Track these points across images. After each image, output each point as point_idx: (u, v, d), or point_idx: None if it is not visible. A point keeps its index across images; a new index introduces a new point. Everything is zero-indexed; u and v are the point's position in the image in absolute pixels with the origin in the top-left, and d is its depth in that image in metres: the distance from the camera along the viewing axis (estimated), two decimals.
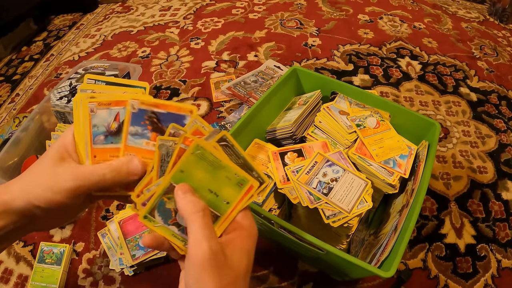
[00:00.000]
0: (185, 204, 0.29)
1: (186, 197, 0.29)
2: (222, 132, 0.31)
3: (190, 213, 0.28)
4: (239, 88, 0.95)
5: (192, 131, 0.32)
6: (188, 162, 0.30)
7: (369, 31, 1.24)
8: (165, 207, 0.31)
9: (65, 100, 0.73)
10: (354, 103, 0.68)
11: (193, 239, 0.28)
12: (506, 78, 1.08)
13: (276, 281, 0.63)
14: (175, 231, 0.31)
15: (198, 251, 0.27)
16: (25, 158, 0.71)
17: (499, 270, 0.65)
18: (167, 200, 0.31)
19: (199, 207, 0.29)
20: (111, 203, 0.74)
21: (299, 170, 0.56)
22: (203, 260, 0.27)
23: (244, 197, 0.32)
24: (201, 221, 0.28)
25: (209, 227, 0.28)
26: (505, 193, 0.77)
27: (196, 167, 0.30)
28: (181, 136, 0.31)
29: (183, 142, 0.30)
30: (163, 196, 0.31)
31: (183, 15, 1.33)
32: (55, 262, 0.63)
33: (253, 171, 0.32)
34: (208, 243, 0.27)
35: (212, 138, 0.31)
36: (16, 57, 1.19)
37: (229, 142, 0.32)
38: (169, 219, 0.31)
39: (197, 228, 0.28)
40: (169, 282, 0.62)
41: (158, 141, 0.31)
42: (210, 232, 0.28)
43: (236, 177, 0.31)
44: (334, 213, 0.52)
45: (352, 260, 0.45)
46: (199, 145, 0.30)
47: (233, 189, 0.31)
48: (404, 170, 0.59)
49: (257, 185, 0.32)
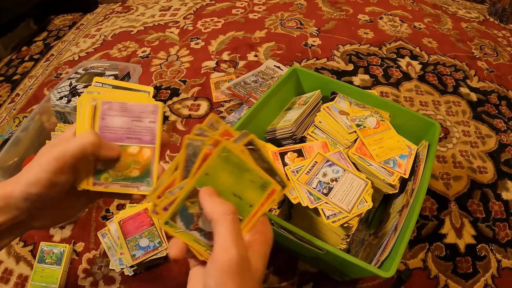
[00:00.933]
0: (213, 205, 0.28)
1: (213, 199, 0.29)
2: (250, 135, 0.31)
3: (219, 215, 0.28)
4: (239, 88, 0.95)
5: (220, 132, 0.31)
6: (214, 165, 0.29)
7: (369, 31, 1.24)
8: (187, 212, 0.30)
9: (65, 100, 0.73)
10: (354, 103, 0.68)
11: (221, 242, 0.27)
12: (506, 78, 1.08)
13: (276, 281, 0.63)
14: (196, 236, 0.30)
15: (225, 255, 0.26)
16: (25, 158, 0.71)
17: (499, 270, 0.65)
18: (190, 205, 0.30)
19: (229, 209, 0.28)
20: (111, 203, 0.74)
21: (299, 170, 0.56)
22: (230, 265, 0.26)
23: (267, 201, 0.31)
24: (230, 224, 0.27)
25: (238, 231, 0.28)
26: (505, 193, 0.77)
27: (221, 169, 0.30)
28: (210, 137, 0.30)
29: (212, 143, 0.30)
30: (186, 200, 0.30)
31: (183, 15, 1.33)
32: (55, 262, 0.63)
33: (276, 175, 0.32)
34: (237, 248, 0.26)
35: (240, 141, 0.31)
36: (16, 57, 1.19)
37: (256, 146, 0.31)
38: (191, 224, 0.30)
39: (227, 232, 0.27)
40: (169, 282, 0.62)
41: (185, 140, 0.30)
42: (239, 237, 0.27)
43: (260, 180, 0.30)
44: (334, 213, 0.52)
45: (352, 260, 0.45)
46: (226, 147, 0.29)
47: (257, 192, 0.31)
48: (404, 170, 0.59)
49: (280, 189, 0.31)
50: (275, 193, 0.31)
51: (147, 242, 0.61)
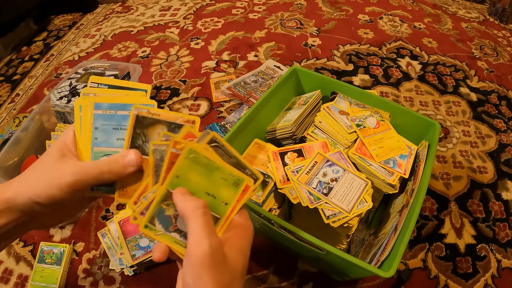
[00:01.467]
0: (185, 203, 0.29)
1: (185, 197, 0.29)
2: (211, 133, 0.31)
3: (190, 211, 0.28)
4: (239, 88, 0.95)
5: (182, 135, 0.32)
6: (183, 167, 0.30)
7: (369, 31, 1.24)
8: (164, 214, 0.31)
9: (65, 100, 0.73)
10: (354, 103, 0.68)
11: (193, 236, 0.27)
12: (506, 78, 1.08)
13: (276, 281, 0.63)
14: (177, 238, 0.31)
15: (198, 248, 0.26)
16: (25, 158, 0.71)
17: (499, 270, 0.65)
18: (166, 207, 0.30)
19: (199, 204, 0.28)
20: (111, 203, 0.74)
21: (299, 170, 0.56)
22: (203, 258, 0.26)
23: (243, 197, 0.31)
24: (201, 218, 0.28)
25: (209, 224, 0.28)
26: (505, 193, 0.77)
27: (191, 171, 0.30)
28: (171, 140, 0.30)
29: (173, 146, 0.30)
30: (162, 203, 0.30)
31: (183, 15, 1.33)
32: (55, 262, 0.63)
33: (246, 169, 0.32)
34: (209, 241, 0.27)
35: (202, 140, 0.31)
36: (16, 57, 1.19)
37: (219, 142, 0.32)
38: (170, 226, 0.31)
39: (197, 225, 0.27)
40: (169, 282, 0.62)
41: (151, 146, 0.31)
42: (211, 230, 0.28)
43: (231, 177, 0.31)
44: (334, 213, 0.52)
45: (352, 260, 0.45)
46: (192, 149, 0.30)
47: (230, 189, 0.31)
48: (404, 170, 0.59)
49: (252, 182, 0.32)
50: (249, 189, 0.32)
51: (147, 242, 0.61)
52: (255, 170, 0.33)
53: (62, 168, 0.30)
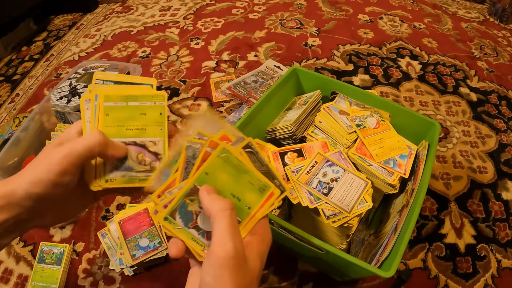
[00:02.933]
0: (212, 201, 0.29)
1: (212, 196, 0.29)
2: (247, 139, 0.32)
3: (218, 210, 0.28)
4: (239, 88, 0.96)
5: (219, 136, 0.32)
6: (213, 165, 0.30)
7: (369, 31, 1.24)
8: (187, 209, 0.31)
9: (65, 100, 0.73)
10: (354, 103, 0.68)
11: (218, 236, 0.27)
12: (506, 78, 1.08)
13: (276, 281, 0.63)
14: (194, 235, 0.31)
15: (222, 249, 0.26)
16: (25, 158, 0.71)
17: (499, 270, 0.65)
18: (189, 202, 0.30)
19: (227, 205, 0.28)
20: (111, 203, 0.74)
21: (299, 170, 0.56)
22: (227, 258, 0.26)
23: (265, 204, 0.32)
24: (228, 219, 0.28)
25: (235, 226, 0.28)
26: (505, 193, 0.77)
27: (221, 170, 0.30)
28: (208, 139, 0.31)
29: (209, 145, 0.31)
30: (186, 197, 0.30)
31: (183, 15, 1.33)
32: (55, 262, 0.63)
33: (275, 179, 0.33)
34: (233, 242, 0.27)
35: (238, 144, 0.32)
36: (16, 57, 1.19)
37: (254, 149, 0.32)
38: (189, 222, 0.31)
39: (224, 226, 0.27)
40: (169, 282, 0.62)
41: (185, 143, 0.31)
42: (236, 232, 0.28)
43: (258, 182, 0.31)
44: (334, 213, 0.52)
45: (352, 260, 0.45)
46: (225, 148, 0.30)
47: (255, 194, 0.31)
48: (404, 170, 0.59)
49: (278, 193, 0.32)
50: (273, 196, 0.32)
51: (147, 242, 0.61)
52: (283, 181, 0.33)
53: (55, 152, 0.30)
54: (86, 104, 0.34)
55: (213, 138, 0.31)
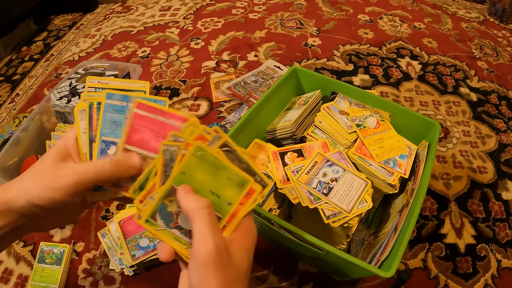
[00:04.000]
0: (189, 202, 0.29)
1: (189, 196, 0.29)
2: (223, 137, 0.32)
3: (195, 210, 0.28)
4: (239, 88, 0.95)
5: (194, 137, 0.32)
6: (189, 164, 0.30)
7: (369, 31, 1.24)
8: (166, 210, 0.31)
9: (65, 100, 0.73)
10: (354, 103, 0.68)
11: (198, 236, 0.27)
12: (506, 78, 1.08)
13: (276, 281, 0.63)
14: (177, 235, 0.31)
15: (203, 248, 0.26)
16: (25, 158, 0.71)
17: (499, 270, 0.65)
18: (168, 203, 0.31)
19: (204, 204, 0.28)
20: (111, 203, 0.74)
21: (299, 170, 0.56)
22: (209, 257, 0.26)
23: (248, 201, 0.31)
24: (206, 218, 0.28)
25: (214, 224, 0.28)
26: (505, 193, 0.77)
27: (197, 168, 0.30)
28: (184, 142, 0.31)
29: (185, 148, 0.30)
30: (165, 199, 0.30)
31: (183, 15, 1.33)
32: (55, 262, 0.63)
33: (255, 175, 0.32)
34: (214, 240, 0.27)
35: (214, 144, 0.31)
36: (16, 57, 1.19)
37: (231, 147, 0.32)
38: (170, 223, 0.31)
39: (203, 225, 0.27)
40: (169, 282, 0.62)
41: (162, 146, 0.31)
42: (216, 229, 0.28)
43: (237, 177, 0.31)
44: (334, 213, 0.52)
45: (352, 260, 0.45)
46: (199, 146, 0.30)
47: (235, 190, 0.31)
48: (404, 170, 0.59)
49: (260, 189, 0.32)
50: (254, 192, 0.31)
51: (147, 242, 0.61)
52: (264, 176, 0.33)
53: (63, 169, 0.30)
54: (81, 115, 0.34)
55: (189, 140, 0.31)
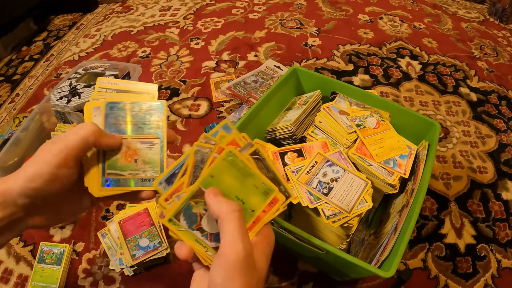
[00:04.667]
0: (219, 204, 0.29)
1: (218, 199, 0.29)
2: (256, 145, 0.32)
3: (225, 213, 0.28)
4: (239, 88, 0.95)
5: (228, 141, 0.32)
6: (219, 168, 0.31)
7: (369, 31, 1.24)
8: (191, 211, 0.31)
9: (65, 100, 0.73)
10: (354, 103, 0.68)
11: (228, 238, 0.27)
12: (506, 78, 1.08)
13: (276, 281, 0.63)
14: (198, 237, 0.31)
15: (233, 250, 0.27)
16: (25, 158, 0.71)
17: (499, 270, 0.65)
18: (194, 204, 0.31)
19: (235, 207, 0.29)
20: (111, 203, 0.74)
21: (299, 170, 0.56)
22: (238, 260, 0.27)
23: (270, 209, 0.32)
24: (237, 221, 0.28)
25: (243, 228, 0.28)
26: (505, 193, 0.77)
27: (226, 173, 0.31)
28: (216, 145, 0.31)
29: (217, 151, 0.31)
30: (191, 200, 0.31)
31: (183, 15, 1.33)
32: (55, 262, 0.63)
33: (280, 185, 0.33)
34: (243, 244, 0.27)
35: (245, 150, 0.32)
36: (16, 57, 1.19)
37: (261, 155, 0.33)
38: (193, 224, 0.31)
39: (234, 228, 0.28)
40: (169, 282, 0.62)
41: (194, 147, 0.32)
42: (245, 233, 0.28)
43: (263, 186, 0.31)
44: (334, 213, 0.52)
45: (352, 260, 0.45)
46: (231, 151, 0.30)
47: (259, 197, 0.32)
48: (404, 170, 0.59)
49: (284, 199, 0.32)
50: (278, 202, 0.32)
51: (147, 242, 0.61)
52: (289, 188, 0.33)
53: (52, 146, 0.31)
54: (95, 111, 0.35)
55: (222, 143, 0.32)
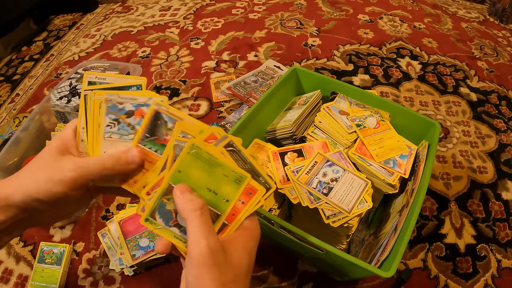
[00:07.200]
0: (183, 203, 0.29)
1: (184, 196, 0.29)
2: (229, 137, 0.32)
3: (188, 212, 0.29)
4: (239, 88, 0.96)
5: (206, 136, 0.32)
6: (185, 162, 0.30)
7: (369, 31, 1.24)
8: (165, 208, 0.31)
9: (65, 100, 0.73)
10: (354, 103, 0.68)
11: (191, 236, 0.28)
12: (506, 78, 1.08)
13: (276, 281, 0.63)
14: (176, 233, 0.31)
15: (196, 248, 0.27)
16: (25, 158, 0.71)
17: (499, 270, 0.65)
18: (167, 202, 0.31)
19: (197, 205, 0.29)
20: (111, 203, 0.74)
21: (299, 170, 0.56)
22: (201, 257, 0.27)
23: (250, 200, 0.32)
24: (199, 219, 0.28)
25: (207, 224, 0.28)
26: (505, 193, 0.77)
27: (193, 166, 0.31)
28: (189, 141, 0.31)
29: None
30: (163, 197, 0.31)
31: (183, 15, 1.33)
32: (55, 262, 0.63)
33: (260, 176, 0.33)
34: (206, 240, 0.27)
35: (219, 144, 0.32)
36: (16, 57, 1.19)
37: (236, 147, 0.32)
38: (170, 221, 0.31)
39: (195, 226, 0.28)
40: (169, 282, 0.62)
41: (173, 142, 0.32)
42: (209, 230, 0.28)
43: (233, 174, 0.31)
44: (334, 213, 0.52)
45: (352, 260, 0.45)
46: (194, 144, 0.30)
47: (231, 186, 0.31)
48: (404, 170, 0.59)
49: (264, 191, 0.32)
50: (256, 192, 0.31)
51: (147, 242, 0.61)
52: (269, 179, 0.33)
53: (63, 164, 0.31)
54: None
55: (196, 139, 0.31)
